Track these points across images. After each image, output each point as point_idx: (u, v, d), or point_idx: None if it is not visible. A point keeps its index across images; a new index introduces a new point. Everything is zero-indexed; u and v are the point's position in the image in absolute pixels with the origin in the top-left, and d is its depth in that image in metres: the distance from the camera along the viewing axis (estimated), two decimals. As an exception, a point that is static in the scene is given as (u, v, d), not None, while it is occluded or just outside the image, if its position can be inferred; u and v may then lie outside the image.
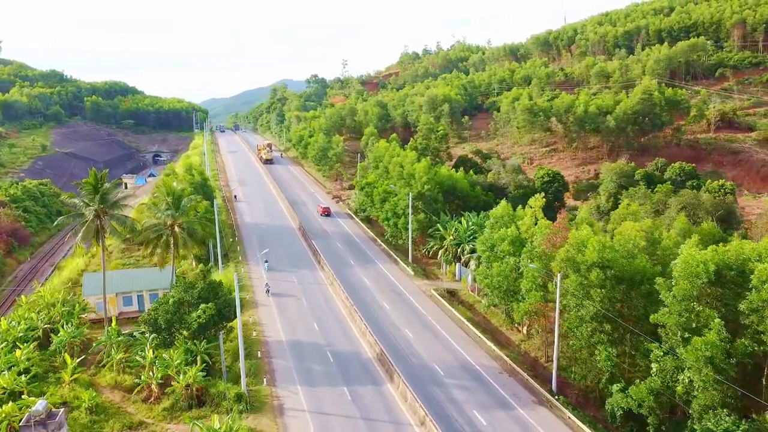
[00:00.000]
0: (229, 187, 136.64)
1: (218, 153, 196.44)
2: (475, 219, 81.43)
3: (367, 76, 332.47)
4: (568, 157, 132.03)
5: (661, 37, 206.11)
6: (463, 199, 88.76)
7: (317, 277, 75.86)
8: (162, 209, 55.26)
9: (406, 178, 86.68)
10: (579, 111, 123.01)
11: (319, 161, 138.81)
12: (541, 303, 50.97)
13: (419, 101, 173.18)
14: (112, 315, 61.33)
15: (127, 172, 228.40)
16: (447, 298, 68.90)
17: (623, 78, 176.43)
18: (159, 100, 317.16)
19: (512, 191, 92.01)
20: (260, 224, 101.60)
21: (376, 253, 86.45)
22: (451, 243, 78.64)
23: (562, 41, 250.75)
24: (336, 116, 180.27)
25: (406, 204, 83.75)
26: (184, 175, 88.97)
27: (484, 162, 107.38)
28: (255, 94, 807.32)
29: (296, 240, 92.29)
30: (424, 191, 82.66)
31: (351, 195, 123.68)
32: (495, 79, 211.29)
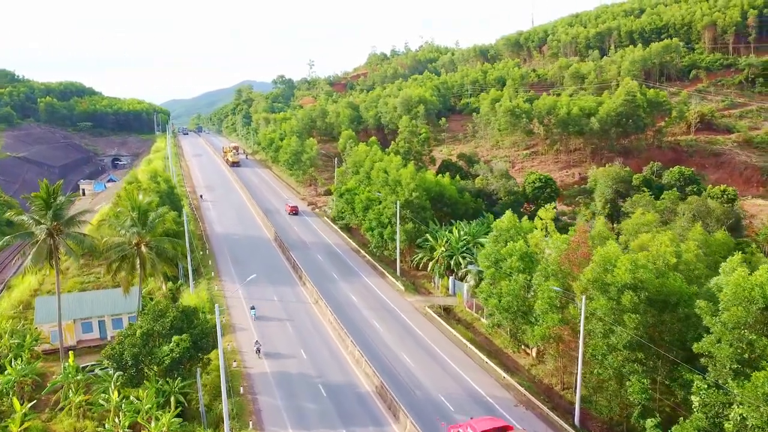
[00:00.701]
0: (197, 194, 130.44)
1: (182, 157, 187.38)
2: (467, 228, 76.36)
3: (335, 77, 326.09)
4: (550, 159, 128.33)
5: (633, 38, 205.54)
6: (451, 206, 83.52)
7: (299, 294, 69.41)
8: (126, 225, 48.16)
9: (391, 184, 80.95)
10: (561, 113, 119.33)
11: (291, 166, 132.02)
12: (559, 327, 45.85)
13: (393, 102, 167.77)
14: (70, 344, 54.00)
15: (85, 177, 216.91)
16: (444, 317, 63.34)
17: (598, 79, 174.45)
18: (118, 101, 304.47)
19: (502, 197, 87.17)
20: (232, 234, 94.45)
21: (361, 265, 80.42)
22: (442, 255, 73.30)
23: (533, 42, 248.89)
24: (306, 118, 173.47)
25: (392, 212, 78.03)
26: (148, 183, 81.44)
27: (470, 166, 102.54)
28: (217, 95, 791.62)
29: (273, 252, 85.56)
30: (412, 199, 77.08)
31: (327, 201, 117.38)
32: (468, 80, 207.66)
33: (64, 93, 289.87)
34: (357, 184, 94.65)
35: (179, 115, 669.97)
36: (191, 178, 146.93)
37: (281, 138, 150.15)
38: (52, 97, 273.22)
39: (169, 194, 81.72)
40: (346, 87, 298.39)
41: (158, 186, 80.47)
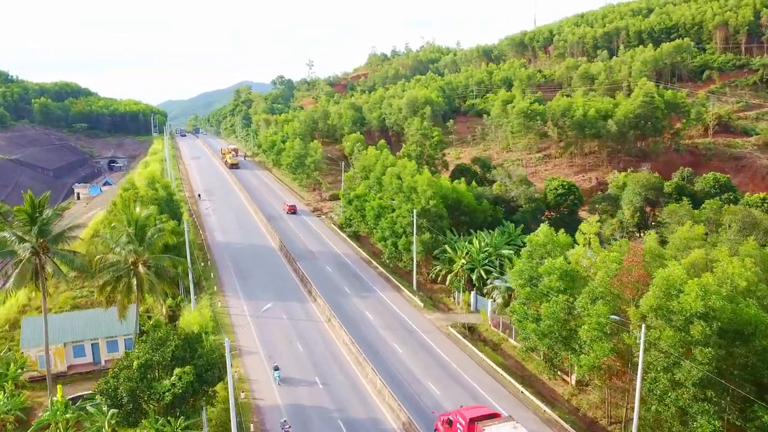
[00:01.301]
0: (195, 198, 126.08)
1: (180, 159, 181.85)
2: (488, 239, 71.25)
3: (335, 77, 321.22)
4: (564, 163, 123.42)
5: (642, 38, 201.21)
6: (469, 214, 78.43)
7: (309, 311, 64.17)
8: (122, 242, 42.88)
9: (405, 191, 75.78)
10: (577, 115, 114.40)
11: (295, 169, 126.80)
12: (611, 357, 40.75)
13: (398, 104, 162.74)
14: (60, 370, 48.73)
15: (80, 179, 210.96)
16: (468, 337, 58.19)
17: (609, 80, 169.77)
18: (114, 102, 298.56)
19: (523, 205, 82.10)
20: (234, 243, 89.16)
21: (374, 278, 75.20)
22: (463, 268, 68.14)
23: (537, 42, 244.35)
24: (308, 119, 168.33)
25: (407, 222, 72.90)
26: (146, 190, 76.19)
27: (485, 171, 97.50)
28: (214, 95, 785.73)
29: (278, 263, 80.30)
30: (429, 207, 71.92)
31: (333, 207, 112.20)
32: (472, 81, 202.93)
33: (59, 94, 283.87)
34: (367, 190, 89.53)
35: (176, 116, 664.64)
36: (190, 181, 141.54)
37: (283, 140, 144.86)
38: (47, 98, 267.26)
39: (167, 202, 76.55)
40: (346, 88, 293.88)
41: (156, 193, 75.27)
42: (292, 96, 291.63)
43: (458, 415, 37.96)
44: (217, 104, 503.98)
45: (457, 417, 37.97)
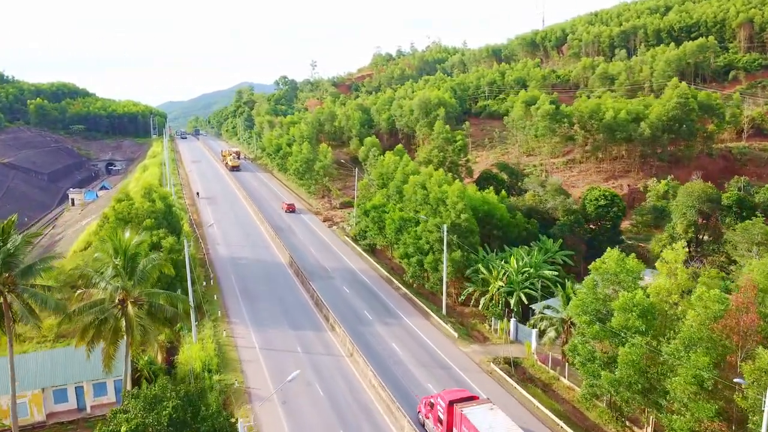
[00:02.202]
0: (194, 196, 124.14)
1: (180, 163, 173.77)
2: (526, 257, 63.19)
3: (339, 77, 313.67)
4: (591, 169, 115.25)
5: (661, 37, 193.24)
6: (502, 229, 70.37)
7: (328, 342, 56.06)
8: (107, 276, 34.80)
9: (432, 203, 67.69)
10: (607, 117, 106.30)
11: (302, 175, 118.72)
12: (716, 422, 32.72)
13: (409, 105, 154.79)
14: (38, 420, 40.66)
15: (77, 183, 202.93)
16: (515, 377, 50.08)
17: (630, 80, 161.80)
18: (112, 103, 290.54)
19: (561, 218, 74.00)
20: (240, 259, 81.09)
21: (397, 301, 67.09)
22: (500, 291, 60.14)
23: (550, 42, 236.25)
24: (315, 122, 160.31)
25: (435, 237, 64.84)
26: (141, 201, 68.17)
27: (515, 179, 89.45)
28: (214, 97, 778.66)
29: (290, 282, 72.18)
30: (461, 221, 63.86)
31: (344, 216, 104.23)
32: (484, 82, 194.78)
33: (56, 94, 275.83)
34: (385, 200, 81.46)
35: (176, 118, 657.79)
36: (190, 186, 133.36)
37: (289, 144, 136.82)
38: (43, 99, 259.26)
39: (166, 214, 68.60)
40: (350, 88, 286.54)
41: (153, 205, 67.25)
42: (295, 97, 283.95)
43: (439, 398, 40.14)
44: (218, 105, 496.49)
45: (438, 400, 40.28)
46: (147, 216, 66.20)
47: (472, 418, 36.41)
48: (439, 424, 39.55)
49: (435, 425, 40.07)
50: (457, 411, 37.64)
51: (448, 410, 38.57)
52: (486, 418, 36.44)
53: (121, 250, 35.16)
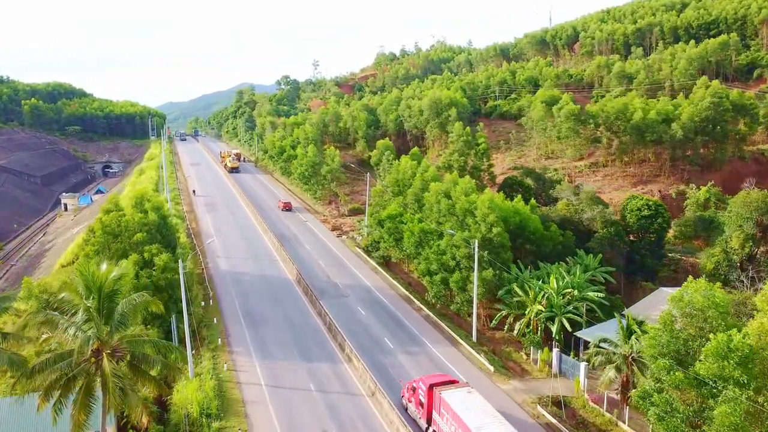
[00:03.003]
0: (190, 194, 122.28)
1: (179, 166, 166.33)
2: (567, 276, 55.84)
3: (342, 77, 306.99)
4: (617, 173, 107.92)
5: (678, 35, 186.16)
6: (535, 242, 63.01)
7: (344, 377, 48.66)
8: (76, 322, 27.11)
9: (458, 214, 60.33)
10: (636, 118, 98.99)
11: (308, 180, 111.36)
12: None
13: (418, 105, 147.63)
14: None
15: (71, 186, 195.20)
16: (566, 423, 42.69)
17: (649, 79, 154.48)
18: (110, 103, 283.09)
19: (599, 230, 66.59)
20: (242, 274, 73.67)
21: (419, 324, 59.67)
22: (540, 316, 52.78)
23: (560, 40, 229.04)
24: (320, 123, 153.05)
25: (463, 254, 57.50)
26: (132, 212, 60.81)
27: (543, 187, 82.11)
28: (214, 97, 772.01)
29: (297, 301, 64.77)
30: (492, 236, 56.51)
31: (354, 224, 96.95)
32: (494, 81, 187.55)
33: (52, 95, 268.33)
34: (401, 209, 74.09)
35: (176, 119, 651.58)
36: (189, 192, 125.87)
37: (293, 146, 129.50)
38: (38, 99, 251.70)
39: (160, 227, 61.32)
40: (353, 88, 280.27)
41: (145, 217, 59.92)
42: (297, 97, 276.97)
43: (420, 382, 41.30)
44: (218, 106, 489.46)
45: (419, 384, 41.36)
46: (138, 229, 58.89)
47: (450, 400, 37.65)
48: (420, 407, 40.91)
49: (417, 408, 41.46)
50: (437, 394, 38.86)
51: (428, 393, 39.84)
52: (463, 399, 37.77)
53: (94, 287, 27.67)
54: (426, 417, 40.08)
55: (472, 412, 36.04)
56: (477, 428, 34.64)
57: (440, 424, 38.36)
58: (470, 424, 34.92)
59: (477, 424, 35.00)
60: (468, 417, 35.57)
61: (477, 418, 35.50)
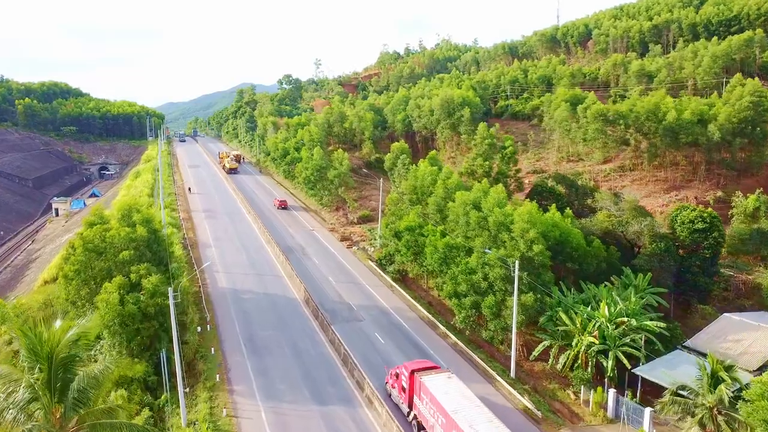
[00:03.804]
0: (186, 192, 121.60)
1: (177, 168, 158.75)
2: (620, 302, 48.31)
3: (345, 77, 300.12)
4: (646, 177, 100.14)
5: (697, 31, 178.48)
6: (578, 260, 55.42)
7: (365, 426, 41.03)
8: (20, 401, 19.42)
9: (491, 228, 52.76)
10: (669, 118, 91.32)
11: (314, 185, 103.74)
12: None
13: (428, 105, 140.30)
14: None
15: (66, 189, 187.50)
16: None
17: (672, 77, 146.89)
18: (107, 103, 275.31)
19: (647, 245, 58.93)
20: (243, 292, 66.08)
21: (447, 354, 52.01)
22: (591, 350, 45.26)
23: (572, 37, 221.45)
24: (324, 123, 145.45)
25: (498, 274, 49.95)
26: (117, 226, 53.17)
27: (579, 195, 74.42)
28: (214, 97, 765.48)
29: (307, 327, 57.11)
30: (533, 254, 48.94)
31: (365, 233, 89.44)
32: (505, 80, 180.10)
33: (47, 94, 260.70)
34: (420, 219, 66.46)
35: (175, 119, 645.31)
36: (187, 198, 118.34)
37: (297, 148, 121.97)
38: (32, 99, 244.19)
39: (150, 243, 53.79)
40: (357, 88, 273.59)
41: (133, 231, 52.32)
42: (300, 96, 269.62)
43: (403, 368, 41.82)
44: (218, 106, 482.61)
45: (401, 369, 41.95)
46: (125, 246, 51.36)
47: (430, 384, 38.33)
48: (402, 393, 41.64)
49: (399, 394, 42.22)
50: (417, 379, 39.52)
51: (410, 379, 40.55)
52: (442, 384, 38.45)
53: (42, 353, 20.05)
54: (408, 402, 40.98)
55: (450, 396, 36.86)
56: (453, 411, 35.29)
57: (420, 408, 39.23)
58: (447, 407, 35.70)
59: (453, 407, 35.73)
60: (445, 400, 36.41)
61: (454, 401, 36.34)
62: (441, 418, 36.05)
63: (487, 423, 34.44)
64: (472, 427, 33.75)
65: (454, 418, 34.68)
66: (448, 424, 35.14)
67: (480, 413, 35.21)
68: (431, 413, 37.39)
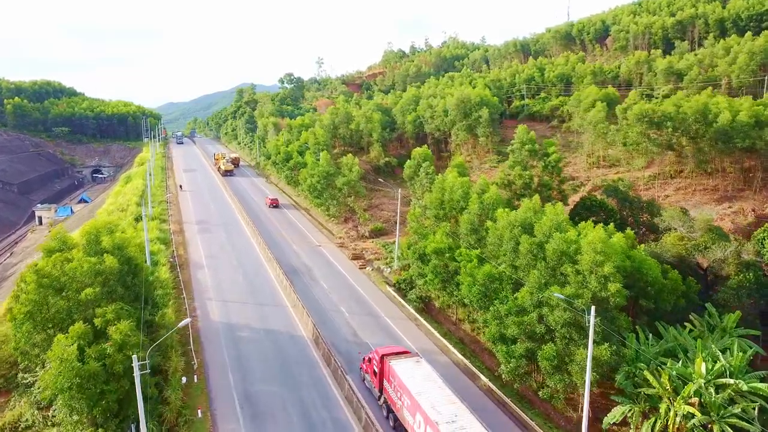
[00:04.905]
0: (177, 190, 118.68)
1: (171, 173, 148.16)
2: (722, 357, 37.69)
3: (348, 76, 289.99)
4: (692, 186, 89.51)
5: (725, 27, 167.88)
6: (654, 297, 44.74)
7: None
8: None
9: (550, 259, 42.11)
10: (723, 120, 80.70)
11: (320, 193, 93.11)
12: None
13: (442, 105, 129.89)
14: None
15: (54, 194, 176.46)
16: None
17: (704, 76, 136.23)
18: (101, 103, 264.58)
19: (732, 275, 48.29)
20: (240, 328, 55.39)
21: (494, 418, 41.20)
22: (690, 423, 34.67)
23: (588, 34, 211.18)
24: (330, 125, 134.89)
25: (561, 319, 39.35)
26: (80, 256, 42.24)
27: (637, 210, 63.70)
28: (215, 97, 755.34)
29: (318, 379, 46.33)
30: (609, 295, 38.32)
31: (378, 249, 78.90)
32: (520, 79, 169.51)
33: (38, 94, 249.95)
34: (449, 239, 55.74)
35: (176, 119, 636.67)
36: (179, 205, 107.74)
37: (301, 152, 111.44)
38: (23, 98, 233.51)
39: (122, 275, 43.17)
40: (361, 87, 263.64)
41: (100, 263, 41.48)
42: (302, 96, 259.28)
43: (374, 353, 42.75)
44: (219, 106, 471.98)
45: (374, 354, 42.85)
46: (89, 281, 40.75)
47: (397, 368, 39.01)
48: (374, 377, 42.16)
49: (372, 378, 42.75)
50: (387, 363, 40.11)
51: (380, 363, 41.08)
52: (409, 368, 39.16)
53: None
54: (378, 386, 41.55)
55: (416, 379, 37.47)
56: (417, 393, 35.86)
57: (389, 391, 39.73)
58: (412, 390, 36.26)
59: (418, 389, 36.29)
60: (411, 383, 37.00)
61: (419, 384, 36.92)
62: (407, 400, 36.67)
63: (449, 404, 34.81)
64: (434, 407, 34.25)
65: (417, 400, 35.20)
66: (413, 405, 35.77)
67: (443, 395, 35.86)
68: (398, 396, 38.06)
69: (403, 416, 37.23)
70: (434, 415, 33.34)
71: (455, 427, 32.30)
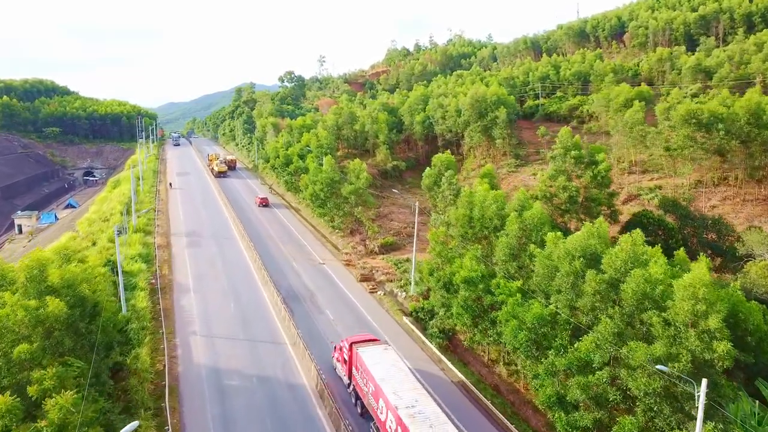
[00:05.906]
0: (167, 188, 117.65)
1: (164, 176, 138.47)
2: None
3: (350, 74, 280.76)
4: (740, 195, 79.75)
5: (752, 22, 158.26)
6: (753, 348, 35.03)
7: None
8: None
9: (627, 304, 32.39)
10: (780, 121, 71.06)
11: (323, 203, 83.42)
12: None
13: (455, 104, 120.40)
14: None
15: (42, 198, 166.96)
16: None
17: (735, 73, 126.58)
18: (94, 102, 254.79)
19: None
20: (228, 374, 45.64)
21: None
22: None
23: (603, 30, 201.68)
24: (333, 126, 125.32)
25: (644, 386, 29.63)
26: (15, 301, 31.99)
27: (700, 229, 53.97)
28: (215, 97, 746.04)
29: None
30: (715, 357, 28.62)
31: (389, 268, 69.22)
32: (534, 77, 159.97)
33: (29, 92, 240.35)
34: (479, 264, 45.99)
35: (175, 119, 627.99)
36: (168, 213, 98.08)
37: (302, 156, 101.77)
38: (12, 97, 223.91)
39: (73, 321, 33.34)
40: (364, 86, 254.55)
41: (43, 307, 31.57)
42: (303, 95, 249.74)
43: (344, 341, 43.44)
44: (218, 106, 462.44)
45: (343, 343, 43.56)
46: (27, 332, 31.11)
47: (364, 355, 39.32)
48: (344, 365, 42.99)
49: (342, 366, 43.51)
50: (355, 350, 40.59)
51: (349, 350, 41.67)
52: (376, 355, 39.49)
53: None
54: (348, 373, 42.03)
55: (381, 366, 37.72)
56: (381, 379, 36.08)
57: (357, 378, 39.98)
58: (376, 376, 36.45)
59: (382, 375, 36.54)
60: (376, 370, 37.29)
61: (383, 371, 37.19)
62: (371, 386, 36.81)
63: (411, 390, 35.01)
64: (395, 393, 34.49)
65: (380, 386, 35.37)
66: (376, 391, 35.92)
67: (406, 381, 36.06)
68: (364, 382, 38.23)
69: (368, 402, 37.52)
70: (395, 400, 33.67)
71: (414, 411, 32.51)
